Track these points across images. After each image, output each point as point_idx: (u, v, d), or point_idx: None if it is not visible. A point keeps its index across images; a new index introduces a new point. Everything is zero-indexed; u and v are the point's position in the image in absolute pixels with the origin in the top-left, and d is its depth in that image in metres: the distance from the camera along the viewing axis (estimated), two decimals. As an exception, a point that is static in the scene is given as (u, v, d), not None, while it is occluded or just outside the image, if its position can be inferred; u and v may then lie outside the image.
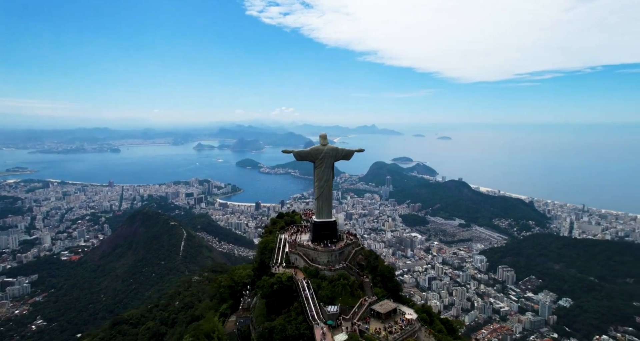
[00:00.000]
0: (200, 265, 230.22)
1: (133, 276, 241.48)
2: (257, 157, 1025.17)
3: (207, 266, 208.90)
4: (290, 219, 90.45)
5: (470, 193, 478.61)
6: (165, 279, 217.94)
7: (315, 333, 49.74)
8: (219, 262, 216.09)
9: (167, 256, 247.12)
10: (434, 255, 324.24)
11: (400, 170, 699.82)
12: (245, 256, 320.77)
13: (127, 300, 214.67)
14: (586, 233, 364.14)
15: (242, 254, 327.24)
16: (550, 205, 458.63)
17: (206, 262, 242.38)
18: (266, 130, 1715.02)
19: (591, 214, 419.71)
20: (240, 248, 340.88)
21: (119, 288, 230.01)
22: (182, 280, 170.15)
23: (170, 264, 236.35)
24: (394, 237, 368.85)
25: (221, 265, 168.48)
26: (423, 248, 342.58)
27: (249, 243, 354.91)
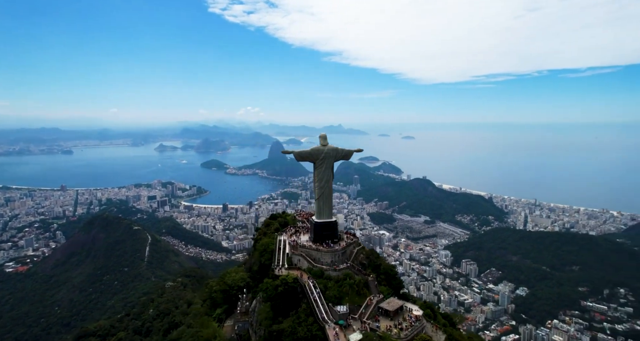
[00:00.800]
0: (167, 271, 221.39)
1: (92, 285, 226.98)
2: (222, 157, 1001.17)
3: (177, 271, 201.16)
4: (283, 220, 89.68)
5: (434, 191, 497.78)
6: (130, 286, 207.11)
7: (327, 333, 49.60)
8: (192, 267, 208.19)
9: (130, 262, 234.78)
10: (401, 252, 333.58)
11: (367, 169, 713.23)
12: (213, 260, 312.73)
13: (87, 311, 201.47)
14: (538, 226, 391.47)
15: (210, 257, 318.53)
16: (507, 200, 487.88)
17: (173, 267, 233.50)
18: (231, 130, 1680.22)
19: (542, 208, 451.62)
20: (208, 251, 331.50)
21: (76, 299, 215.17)
22: (154, 287, 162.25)
23: (134, 270, 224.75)
24: (363, 235, 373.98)
25: (194, 270, 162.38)
26: (391, 245, 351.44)
27: (217, 246, 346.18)
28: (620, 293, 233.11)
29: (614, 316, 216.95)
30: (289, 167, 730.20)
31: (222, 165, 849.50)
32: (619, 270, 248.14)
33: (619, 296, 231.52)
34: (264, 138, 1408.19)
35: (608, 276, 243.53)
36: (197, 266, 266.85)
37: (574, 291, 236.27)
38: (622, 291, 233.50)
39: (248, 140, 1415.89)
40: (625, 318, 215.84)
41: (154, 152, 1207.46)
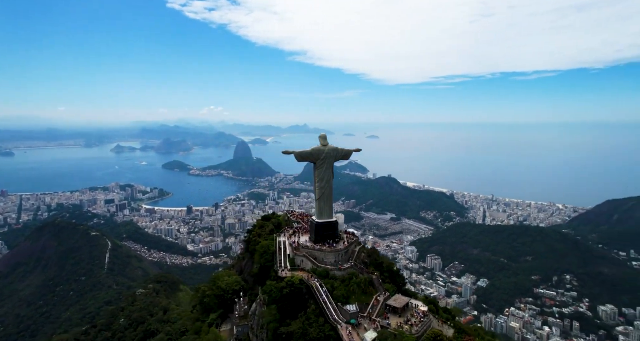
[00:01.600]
0: (130, 277, 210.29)
1: (43, 297, 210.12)
2: (185, 158, 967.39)
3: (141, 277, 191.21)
4: (276, 221, 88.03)
5: (399, 189, 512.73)
6: (88, 296, 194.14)
7: (341, 333, 49.64)
8: (162, 272, 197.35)
9: (88, 270, 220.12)
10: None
11: (334, 168, 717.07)
12: (179, 264, 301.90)
13: (37, 326, 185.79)
14: (496, 220, 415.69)
15: (175, 262, 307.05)
16: (467, 196, 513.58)
17: (136, 273, 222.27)
18: (194, 130, 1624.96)
19: (499, 203, 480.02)
20: (173, 255, 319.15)
21: (23, 314, 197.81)
22: (116, 295, 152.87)
23: (92, 279, 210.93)
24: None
25: (165, 275, 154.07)
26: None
27: (182, 249, 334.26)
28: (567, 279, 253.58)
29: (561, 301, 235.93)
30: (255, 167, 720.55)
31: (184, 166, 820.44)
32: (565, 258, 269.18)
33: (565, 282, 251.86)
34: (228, 138, 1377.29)
35: (556, 264, 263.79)
36: (162, 271, 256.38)
37: (528, 279, 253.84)
38: (567, 278, 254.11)
39: (211, 140, 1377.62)
40: (570, 301, 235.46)
41: (110, 153, 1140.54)
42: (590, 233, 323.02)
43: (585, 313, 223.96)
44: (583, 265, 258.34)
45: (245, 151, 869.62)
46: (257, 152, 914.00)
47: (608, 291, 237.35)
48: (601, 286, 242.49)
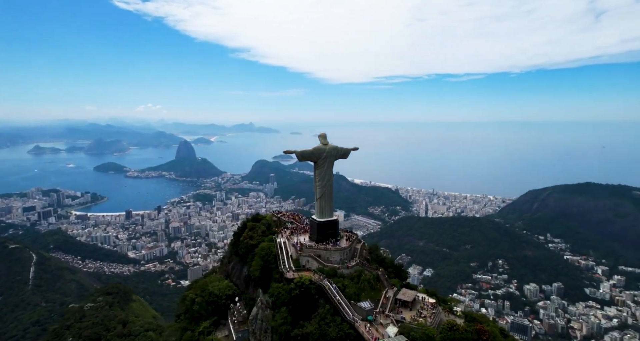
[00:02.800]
0: (63, 293, 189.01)
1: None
2: (120, 159, 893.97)
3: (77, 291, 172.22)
4: (267, 222, 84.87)
5: (348, 186, 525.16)
6: (8, 318, 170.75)
7: (360, 331, 49.71)
8: (113, 283, 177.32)
9: (8, 288, 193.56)
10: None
11: (283, 167, 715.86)
12: (119, 273, 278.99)
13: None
14: (437, 213, 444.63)
15: (114, 271, 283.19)
16: (411, 191, 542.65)
17: (70, 287, 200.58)
18: (130, 130, 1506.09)
19: (439, 196, 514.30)
20: (112, 264, 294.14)
21: None
22: (48, 313, 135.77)
23: (14, 298, 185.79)
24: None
25: (116, 286, 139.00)
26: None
27: (122, 257, 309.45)
28: (499, 264, 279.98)
29: (495, 284, 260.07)
30: (200, 168, 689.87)
31: (120, 167, 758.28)
32: (498, 245, 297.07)
33: (498, 266, 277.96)
34: (169, 138, 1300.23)
35: (491, 250, 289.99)
36: (100, 282, 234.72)
37: (468, 266, 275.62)
38: (500, 262, 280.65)
39: (150, 140, 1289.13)
40: (502, 284, 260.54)
41: (28, 155, 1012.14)
42: (517, 221, 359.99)
43: (514, 293, 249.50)
44: (512, 250, 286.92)
45: (188, 151, 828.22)
46: (201, 152, 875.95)
47: (531, 272, 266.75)
48: (526, 267, 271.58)
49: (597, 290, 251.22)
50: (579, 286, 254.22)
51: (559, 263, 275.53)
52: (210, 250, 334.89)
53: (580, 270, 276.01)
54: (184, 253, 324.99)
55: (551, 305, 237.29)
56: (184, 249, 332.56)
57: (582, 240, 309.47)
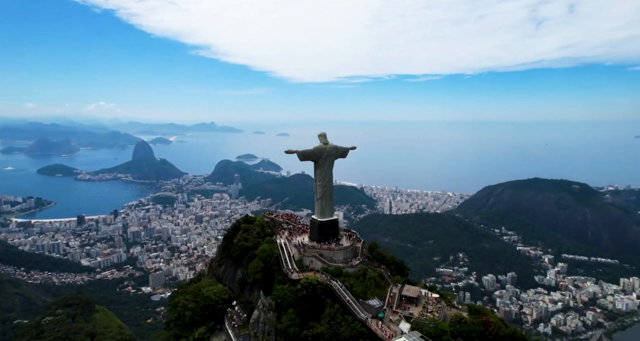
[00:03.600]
0: (6, 308, 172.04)
1: None
2: (69, 161, 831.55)
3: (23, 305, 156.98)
4: (260, 223, 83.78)
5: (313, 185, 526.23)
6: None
7: (373, 328, 50.04)
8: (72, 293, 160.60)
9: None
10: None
11: (247, 167, 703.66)
12: (72, 283, 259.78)
13: None
14: (400, 210, 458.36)
15: (66, 281, 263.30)
16: (375, 189, 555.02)
17: (13, 301, 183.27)
18: (79, 129, 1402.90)
19: (402, 194, 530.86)
20: (62, 274, 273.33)
21: None
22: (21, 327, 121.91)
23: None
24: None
25: (76, 296, 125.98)
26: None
27: (74, 266, 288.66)
28: (460, 257, 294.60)
29: (457, 276, 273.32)
30: (159, 169, 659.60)
31: (69, 170, 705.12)
32: (458, 239, 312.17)
33: (459, 260, 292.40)
34: (125, 138, 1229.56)
35: (452, 244, 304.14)
36: (49, 294, 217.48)
37: (431, 261, 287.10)
38: (460, 256, 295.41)
39: (104, 141, 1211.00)
40: (463, 276, 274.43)
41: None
42: (475, 216, 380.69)
43: (473, 284, 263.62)
44: (471, 244, 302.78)
45: (146, 152, 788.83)
46: (160, 153, 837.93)
47: (489, 263, 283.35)
48: (484, 260, 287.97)
49: (545, 277, 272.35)
50: (529, 275, 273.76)
51: (512, 254, 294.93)
52: (173, 254, 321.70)
53: (530, 259, 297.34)
54: (144, 259, 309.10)
55: (506, 294, 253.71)
56: (145, 254, 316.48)
57: (532, 231, 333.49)
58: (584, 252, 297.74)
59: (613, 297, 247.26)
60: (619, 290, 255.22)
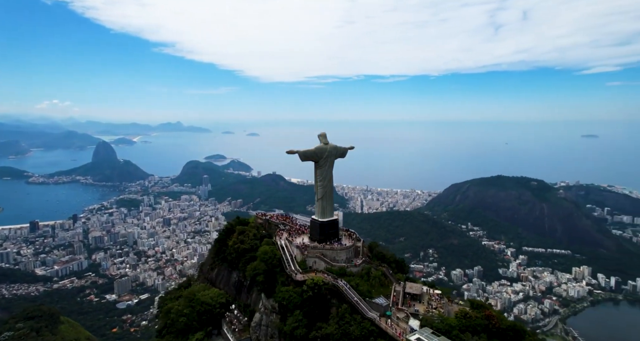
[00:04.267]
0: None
1: None
2: (19, 163, 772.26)
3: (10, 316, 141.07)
4: (256, 225, 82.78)
5: (285, 185, 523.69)
6: None
7: (383, 327, 50.62)
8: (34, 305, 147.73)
9: None
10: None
11: (216, 168, 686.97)
12: (26, 295, 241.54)
13: None
14: (371, 208, 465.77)
15: (18, 293, 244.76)
16: (347, 188, 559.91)
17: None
18: (30, 129, 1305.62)
19: (373, 193, 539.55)
20: (13, 285, 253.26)
21: None
22: None
23: None
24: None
25: (38, 309, 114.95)
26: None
27: (28, 276, 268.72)
28: (430, 253, 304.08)
29: (427, 272, 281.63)
30: (122, 171, 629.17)
31: (19, 173, 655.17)
32: (428, 235, 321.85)
33: (429, 255, 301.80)
34: (83, 138, 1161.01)
35: (422, 241, 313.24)
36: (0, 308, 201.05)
37: (402, 257, 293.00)
38: (430, 252, 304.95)
39: (58, 141, 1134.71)
40: (433, 271, 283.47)
41: None
42: (443, 212, 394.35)
43: (443, 279, 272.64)
44: (440, 240, 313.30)
45: (108, 153, 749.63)
46: (123, 154, 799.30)
47: (457, 258, 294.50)
48: (452, 255, 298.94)
49: (507, 269, 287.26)
50: (494, 268, 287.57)
51: (478, 249, 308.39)
52: (140, 259, 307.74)
53: (494, 253, 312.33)
54: (108, 265, 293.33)
55: (473, 287, 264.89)
56: (108, 260, 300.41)
57: (496, 226, 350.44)
58: (542, 244, 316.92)
59: (566, 285, 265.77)
60: (571, 279, 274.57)
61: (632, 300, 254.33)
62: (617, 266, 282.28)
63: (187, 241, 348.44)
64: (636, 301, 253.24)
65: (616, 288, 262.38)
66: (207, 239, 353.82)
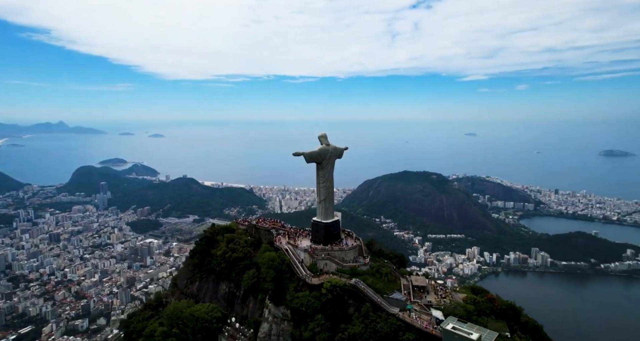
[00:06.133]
0: None
1: None
2: None
3: None
4: (245, 230, 79.11)
5: (199, 189, 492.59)
6: None
7: (409, 321, 51.93)
8: None
9: None
10: (175, 257, 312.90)
11: (116, 173, 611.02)
12: None
13: None
14: (290, 208, 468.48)
15: None
16: (264, 189, 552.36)
17: None
18: None
19: (290, 192, 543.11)
20: None
21: None
22: None
23: None
24: (126, 249, 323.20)
25: None
26: (163, 252, 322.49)
27: None
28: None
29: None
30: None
31: None
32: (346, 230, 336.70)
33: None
34: None
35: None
36: None
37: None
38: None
39: None
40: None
41: None
42: (358, 208, 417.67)
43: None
44: (358, 233, 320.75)
45: None
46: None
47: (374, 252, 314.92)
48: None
49: (417, 255, 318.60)
50: (405, 256, 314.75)
51: (391, 239, 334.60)
52: (17, 286, 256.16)
53: (405, 242, 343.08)
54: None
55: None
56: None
57: (405, 218, 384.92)
58: (443, 231, 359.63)
59: (462, 265, 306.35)
60: (465, 259, 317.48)
61: (508, 270, 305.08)
62: (497, 243, 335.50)
63: (84, 257, 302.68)
64: (510, 271, 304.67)
65: (497, 263, 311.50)
66: (109, 253, 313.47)
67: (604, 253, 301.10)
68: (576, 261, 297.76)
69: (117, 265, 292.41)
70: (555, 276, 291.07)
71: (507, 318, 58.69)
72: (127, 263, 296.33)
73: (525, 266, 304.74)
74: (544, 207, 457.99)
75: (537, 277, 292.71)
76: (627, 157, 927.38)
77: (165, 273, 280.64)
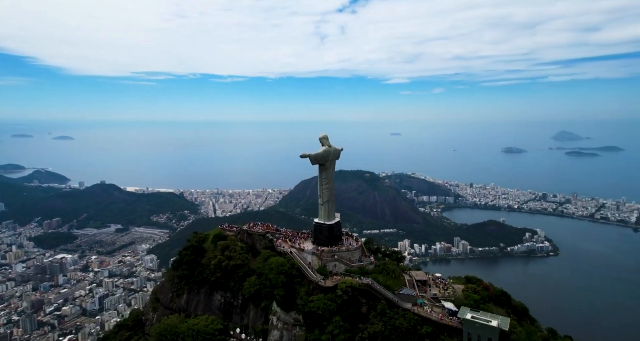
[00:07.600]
0: None
1: None
2: None
3: None
4: (237, 233, 78.60)
5: (122, 195, 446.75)
6: None
7: (423, 315, 53.30)
8: None
9: None
10: (96, 272, 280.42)
11: (12, 181, 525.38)
12: None
13: None
14: (225, 211, 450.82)
15: None
16: (195, 193, 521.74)
17: None
18: None
19: (224, 195, 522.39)
20: None
21: None
22: None
23: None
24: (29, 268, 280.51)
25: None
26: (79, 268, 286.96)
27: None
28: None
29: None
30: None
31: None
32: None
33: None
34: None
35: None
36: None
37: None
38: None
39: None
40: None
41: None
42: (296, 208, 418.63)
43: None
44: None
45: None
46: None
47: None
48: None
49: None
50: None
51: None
52: None
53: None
54: None
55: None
56: None
57: (342, 215, 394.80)
58: (377, 226, 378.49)
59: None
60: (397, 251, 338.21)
61: (435, 260, 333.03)
62: (425, 235, 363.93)
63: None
64: (437, 260, 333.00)
65: (425, 253, 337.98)
66: (6, 275, 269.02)
67: (509, 238, 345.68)
68: (489, 246, 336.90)
69: (17, 288, 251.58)
70: (474, 261, 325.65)
71: (501, 303, 63.77)
72: (32, 284, 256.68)
73: (449, 255, 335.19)
74: (462, 200, 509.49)
75: (459, 264, 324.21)
76: (521, 154, 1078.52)
77: (83, 291, 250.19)
